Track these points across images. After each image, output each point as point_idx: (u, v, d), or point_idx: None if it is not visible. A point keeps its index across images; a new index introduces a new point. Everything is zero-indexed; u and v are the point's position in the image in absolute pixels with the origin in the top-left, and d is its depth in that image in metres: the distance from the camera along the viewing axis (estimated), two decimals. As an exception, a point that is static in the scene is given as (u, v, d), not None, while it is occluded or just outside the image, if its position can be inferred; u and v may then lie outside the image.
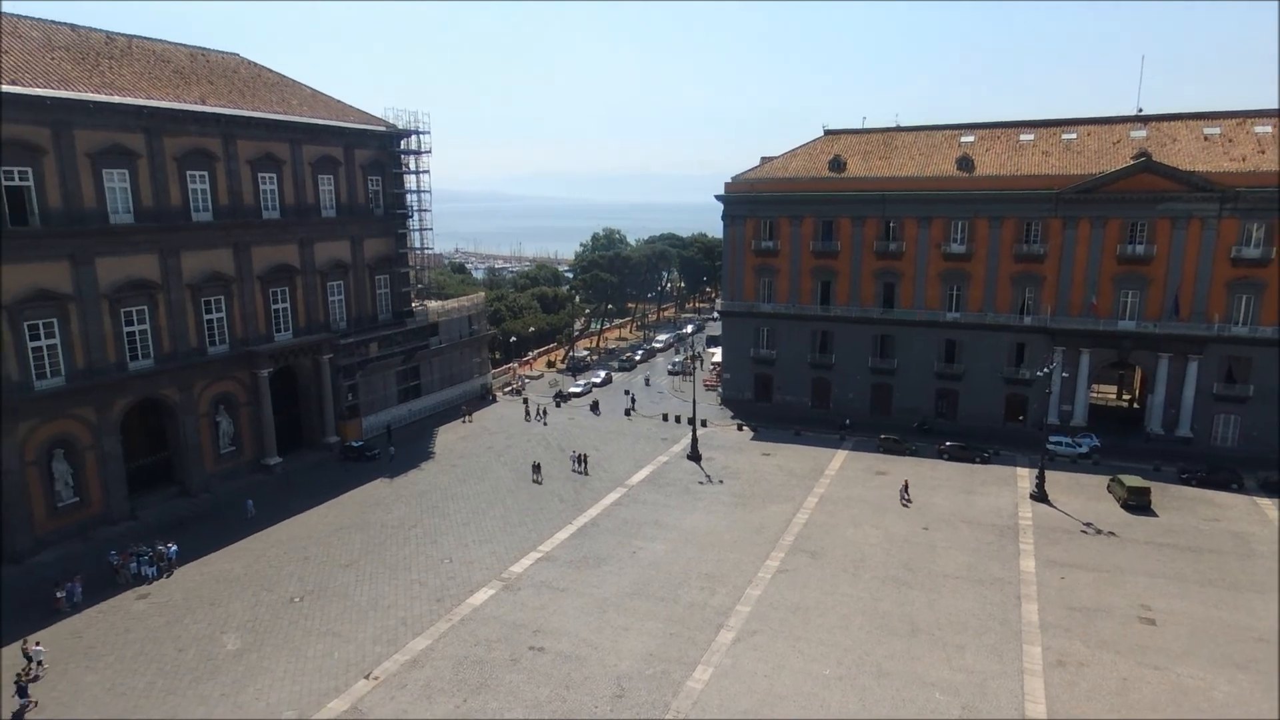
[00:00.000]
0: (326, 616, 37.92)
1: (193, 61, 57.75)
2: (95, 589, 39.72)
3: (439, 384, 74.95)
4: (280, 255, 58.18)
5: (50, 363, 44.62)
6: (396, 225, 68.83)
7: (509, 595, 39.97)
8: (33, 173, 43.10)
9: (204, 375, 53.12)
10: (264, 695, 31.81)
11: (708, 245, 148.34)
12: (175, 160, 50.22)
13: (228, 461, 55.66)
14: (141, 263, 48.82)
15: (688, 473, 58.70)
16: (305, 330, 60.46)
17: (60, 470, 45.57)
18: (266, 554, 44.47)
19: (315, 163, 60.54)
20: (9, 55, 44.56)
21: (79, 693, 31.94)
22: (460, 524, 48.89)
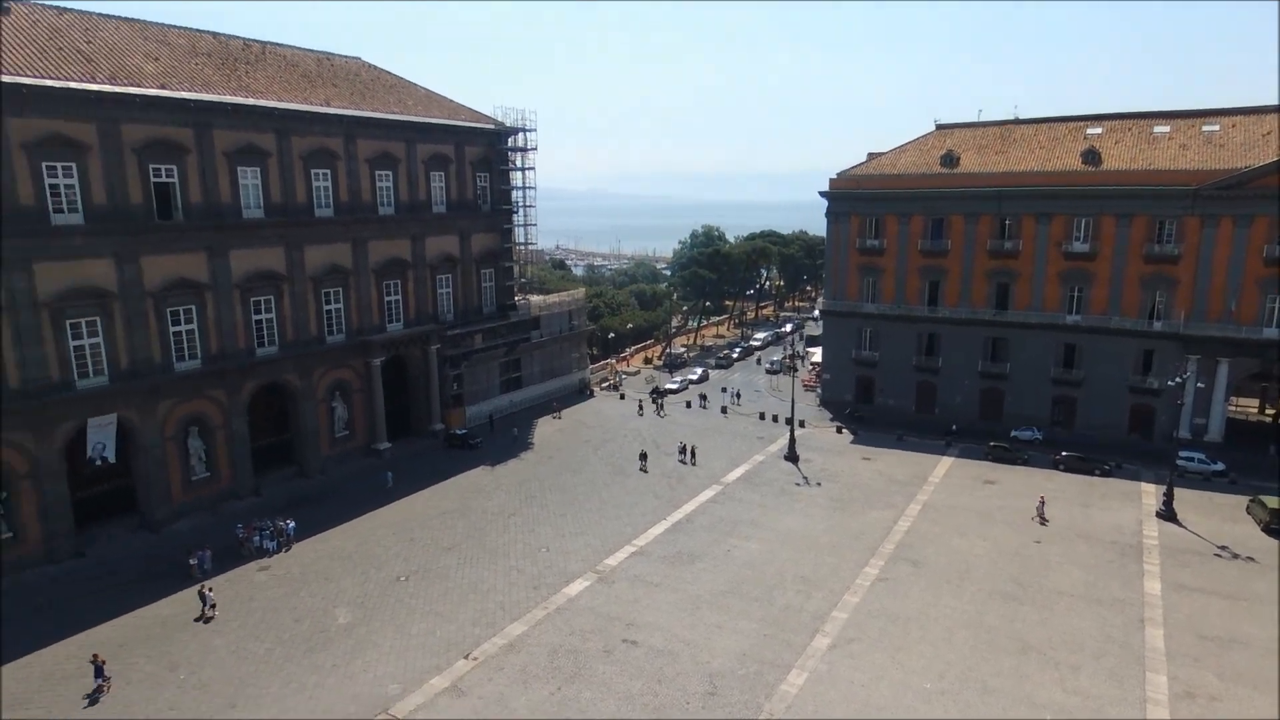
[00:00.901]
0: (429, 597, 39.36)
1: (319, 66, 61.03)
2: (222, 558, 42.60)
3: (539, 377, 76.56)
4: (394, 250, 60.75)
5: (189, 346, 48.13)
6: (502, 221, 70.68)
7: (604, 587, 40.39)
8: (177, 170, 46.54)
9: (322, 362, 56.12)
10: (371, 668, 33.31)
11: (809, 243, 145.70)
12: (301, 159, 53.20)
13: (341, 445, 58.63)
14: (269, 255, 52.00)
15: (784, 473, 57.78)
16: (415, 321, 62.96)
17: (195, 447, 49.14)
18: (375, 534, 46.57)
19: (428, 160, 62.89)
20: (159, 62, 48.30)
21: (207, 653, 34.35)
22: (557, 514, 49.79)
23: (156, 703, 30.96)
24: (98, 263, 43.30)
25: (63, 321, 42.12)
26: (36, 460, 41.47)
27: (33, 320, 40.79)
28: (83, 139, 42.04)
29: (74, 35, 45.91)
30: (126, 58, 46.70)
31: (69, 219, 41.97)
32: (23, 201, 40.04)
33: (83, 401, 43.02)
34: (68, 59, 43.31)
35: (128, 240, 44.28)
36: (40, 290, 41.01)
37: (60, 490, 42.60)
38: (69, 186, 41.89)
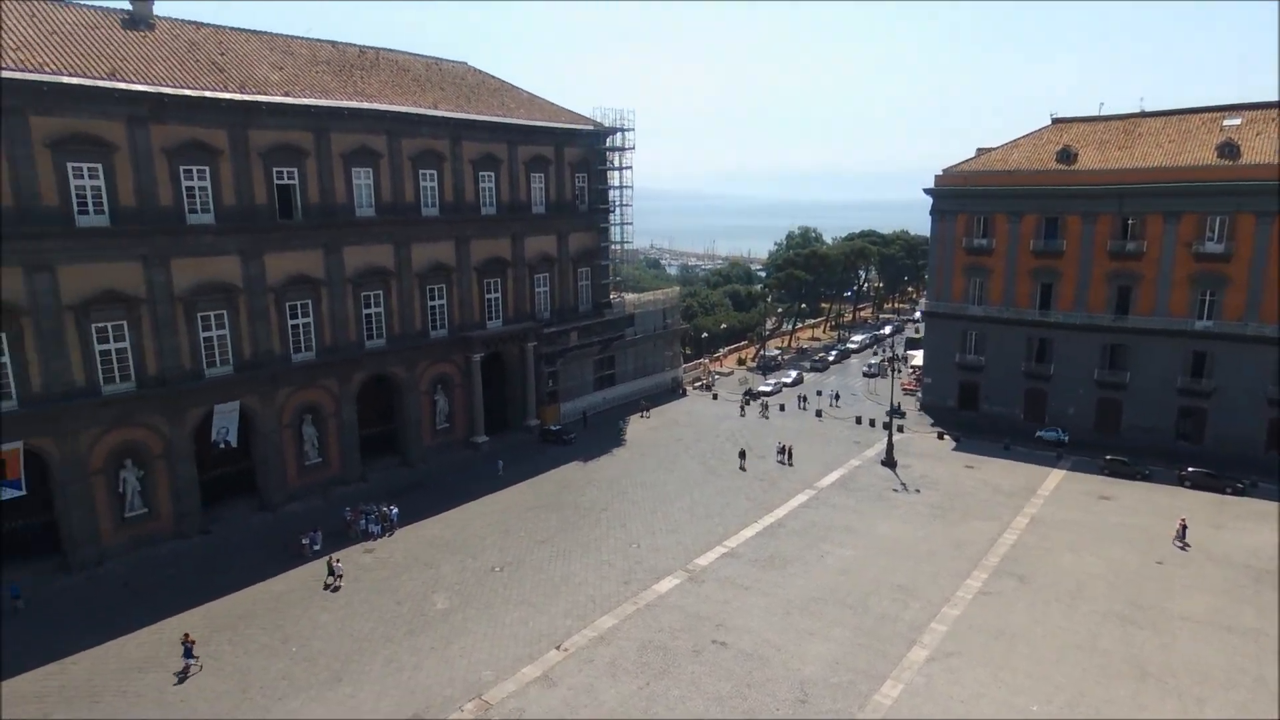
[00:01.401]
0: (523, 587, 40.23)
1: (428, 70, 63.41)
2: (331, 540, 44.83)
3: (632, 374, 77.11)
4: (495, 249, 62.46)
5: (305, 339, 50.90)
6: (599, 220, 71.56)
7: (694, 587, 40.27)
8: (298, 172, 49.29)
9: (426, 356, 58.27)
10: (467, 653, 34.31)
11: (911, 243, 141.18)
12: (410, 160, 55.38)
13: (442, 437, 60.71)
14: (379, 252, 54.38)
15: (881, 479, 56.13)
16: (513, 319, 64.53)
17: (309, 434, 51.92)
18: (472, 524, 47.98)
19: (528, 162, 64.33)
20: (284, 70, 51.29)
21: (316, 628, 36.22)
22: (648, 511, 49.98)
23: (270, 671, 32.86)
24: (226, 260, 46.34)
25: (194, 314, 45.31)
26: (169, 442, 44.77)
27: (169, 313, 44.06)
28: (216, 144, 45.09)
29: (209, 48, 49.30)
30: (255, 68, 49.81)
31: (201, 219, 45.10)
32: (161, 203, 43.29)
33: (210, 389, 46.15)
34: (204, 70, 46.56)
35: (253, 238, 47.22)
36: (176, 285, 44.26)
37: (190, 471, 45.85)
38: (202, 189, 45.01)
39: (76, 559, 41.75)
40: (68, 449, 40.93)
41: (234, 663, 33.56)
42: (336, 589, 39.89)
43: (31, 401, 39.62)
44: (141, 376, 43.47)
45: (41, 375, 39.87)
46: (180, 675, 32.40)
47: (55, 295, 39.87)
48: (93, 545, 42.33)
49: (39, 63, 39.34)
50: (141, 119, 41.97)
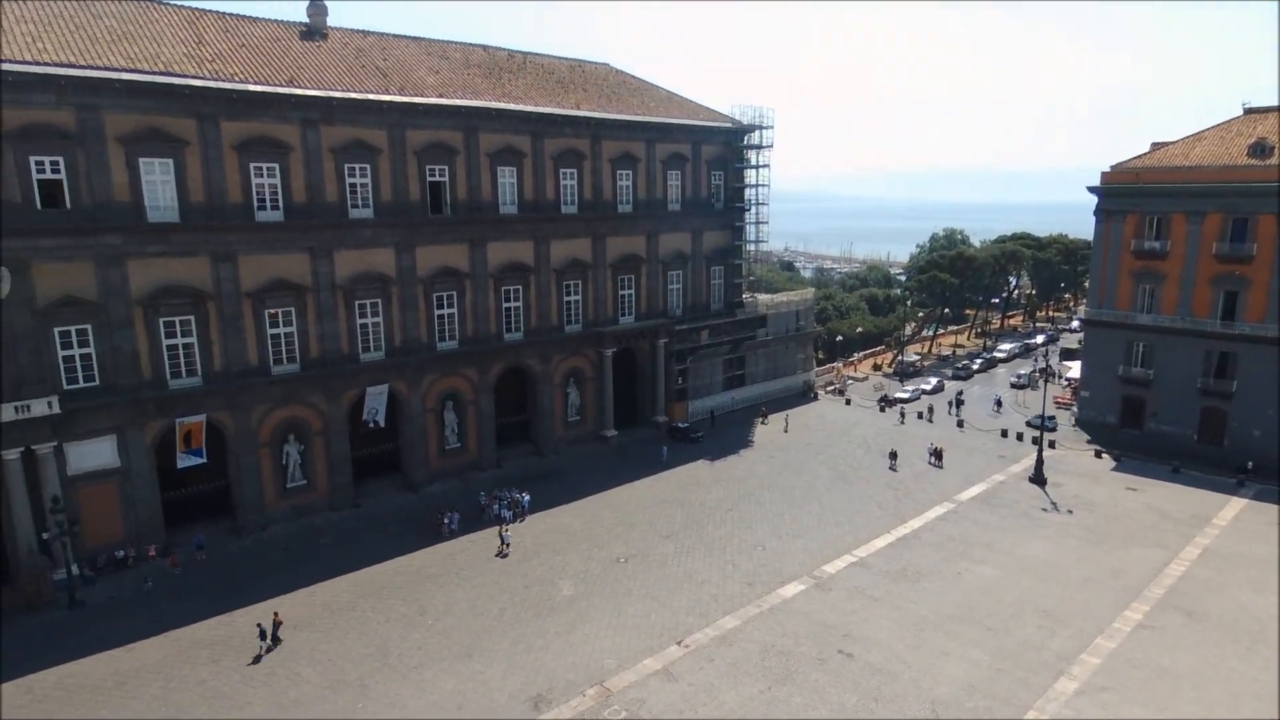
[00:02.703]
0: (646, 581, 40.48)
1: (571, 72, 65.12)
2: (467, 522, 46.87)
3: (762, 376, 76.02)
4: (630, 245, 63.30)
5: (449, 329, 53.51)
6: (734, 219, 71.02)
7: (820, 594, 39.14)
8: (448, 170, 51.88)
9: (560, 350, 59.86)
10: (590, 640, 34.90)
11: (1069, 247, 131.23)
12: (552, 159, 57.06)
13: (573, 429, 62.18)
14: (520, 248, 56.36)
15: (1028, 496, 52.46)
16: (645, 315, 65.16)
17: (450, 419, 54.58)
18: (599, 515, 48.79)
19: (666, 160, 64.75)
20: (439, 74, 54.16)
21: (451, 605, 37.95)
22: (774, 514, 49.06)
23: (408, 640, 34.74)
24: (382, 252, 49.46)
25: (353, 302, 48.64)
26: (327, 420, 48.30)
27: (331, 301, 47.53)
28: (376, 143, 48.20)
29: (374, 55, 52.78)
30: (413, 71, 52.87)
31: (361, 213, 48.35)
32: (328, 199, 46.74)
33: (363, 372, 49.41)
34: (369, 75, 49.90)
35: (406, 232, 50.15)
36: (338, 275, 47.68)
37: (344, 448, 49.28)
38: (363, 185, 48.23)
39: (245, 523, 45.84)
40: (242, 423, 45.01)
41: (376, 629, 35.72)
42: (505, 555, 43.11)
43: (213, 379, 43.85)
44: (305, 359, 47.14)
45: (222, 356, 44.04)
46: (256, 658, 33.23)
47: (236, 283, 43.93)
48: (259, 511, 46.35)
49: (230, 73, 43.46)
50: (313, 121, 45.49)
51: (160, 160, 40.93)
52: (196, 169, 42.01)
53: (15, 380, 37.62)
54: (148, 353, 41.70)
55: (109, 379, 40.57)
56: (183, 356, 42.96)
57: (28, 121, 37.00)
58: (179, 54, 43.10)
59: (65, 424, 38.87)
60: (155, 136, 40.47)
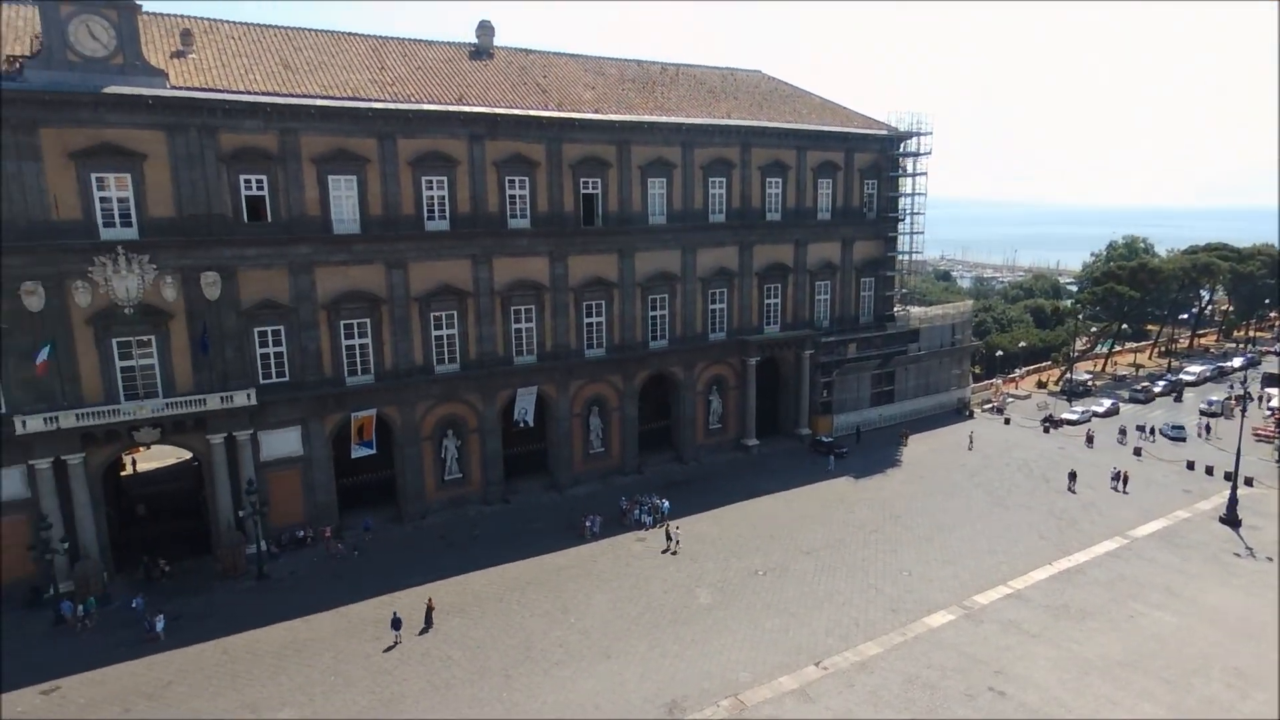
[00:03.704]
0: (784, 596, 39.90)
1: (723, 81, 65.38)
2: (608, 525, 48.06)
3: (913, 392, 72.90)
4: (777, 254, 62.67)
5: (597, 335, 55.13)
6: (887, 229, 68.70)
7: (970, 625, 37.08)
8: (601, 182, 53.51)
9: (704, 358, 60.19)
10: (725, 651, 34.86)
11: (1275, 259, 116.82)
12: (701, 169, 57.53)
13: (714, 437, 62.29)
14: (668, 258, 57.18)
15: (1218, 538, 47.23)
16: (791, 325, 64.26)
17: (595, 424, 56.23)
18: (738, 526, 48.59)
19: (817, 168, 63.60)
20: (595, 90, 56.00)
21: (591, 605, 39.07)
22: (922, 538, 46.94)
23: (550, 636, 36.10)
24: (537, 260, 51.75)
25: (509, 308, 51.18)
26: (482, 418, 51.10)
27: (489, 306, 50.26)
28: (535, 157, 50.50)
29: (536, 72, 55.38)
30: (571, 87, 54.99)
31: (519, 223, 50.80)
32: (489, 210, 49.46)
33: (516, 374, 51.86)
34: (530, 91, 52.43)
35: (560, 242, 52.20)
36: (496, 281, 50.34)
37: (496, 445, 51.94)
38: (521, 196, 50.67)
39: (407, 511, 49.32)
40: (407, 418, 48.48)
41: (521, 623, 37.39)
42: (674, 553, 44.39)
43: (384, 377, 47.52)
44: (464, 360, 50.12)
45: (392, 355, 47.65)
46: (388, 649, 35.15)
47: (406, 288, 47.39)
48: (420, 501, 49.73)
49: (408, 94, 47.02)
50: (479, 137, 48.33)
51: (345, 177, 44.91)
52: (376, 184, 45.73)
53: (222, 374, 42.50)
54: (329, 352, 45.82)
55: (297, 375, 44.94)
56: (358, 355, 46.87)
57: (240, 145, 41.73)
58: (365, 79, 47.14)
59: (260, 414, 43.45)
60: (342, 155, 44.46)
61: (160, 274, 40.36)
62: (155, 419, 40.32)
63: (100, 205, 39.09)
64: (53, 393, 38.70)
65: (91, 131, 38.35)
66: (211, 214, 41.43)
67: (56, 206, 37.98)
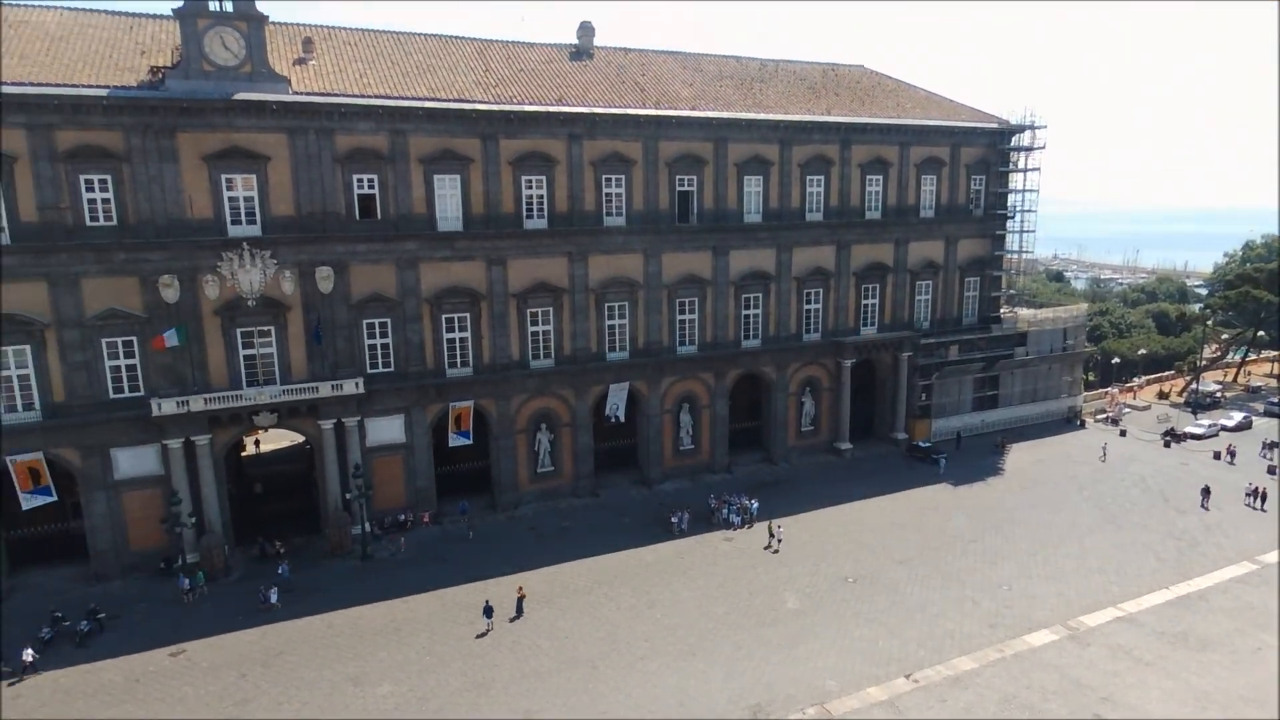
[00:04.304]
0: (875, 605, 38.97)
1: (823, 77, 64.10)
2: (696, 523, 48.11)
3: (1019, 398, 69.63)
4: (876, 254, 61.03)
5: (689, 334, 55.18)
6: (995, 226, 65.80)
7: (1075, 647, 35.23)
8: (696, 180, 53.45)
9: (797, 358, 59.32)
10: (812, 658, 34.37)
11: None
12: (799, 166, 56.64)
13: (805, 439, 61.34)
14: (762, 256, 56.61)
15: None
16: (889, 326, 62.50)
17: (685, 421, 56.36)
18: (828, 530, 47.71)
19: (920, 164, 61.55)
20: (692, 87, 55.97)
21: (677, 602, 39.25)
22: (1025, 552, 44.85)
23: (635, 631, 36.50)
24: (631, 257, 52.22)
25: (603, 304, 51.88)
26: (574, 412, 52.06)
27: (584, 302, 51.09)
28: (631, 155, 50.96)
29: (634, 71, 55.82)
30: (669, 85, 55.16)
31: (615, 221, 51.39)
32: (586, 208, 50.24)
33: (608, 370, 52.54)
34: (628, 90, 52.91)
35: (655, 239, 52.52)
36: (591, 279, 51.10)
37: (588, 440, 52.81)
38: (618, 195, 51.23)
39: (501, 500, 50.83)
40: (503, 410, 49.92)
41: (607, 616, 37.95)
42: (775, 550, 44.52)
43: (482, 370, 49.08)
44: (558, 355, 51.17)
45: (490, 349, 49.15)
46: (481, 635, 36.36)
47: (505, 285, 48.75)
48: (513, 491, 51.17)
49: (510, 95, 48.30)
50: (578, 136, 49.15)
51: (450, 176, 46.57)
52: (478, 183, 47.21)
53: (333, 363, 44.91)
54: (431, 344, 47.66)
55: (401, 366, 46.99)
56: (458, 348, 48.56)
57: (354, 146, 43.92)
58: (470, 81, 48.70)
59: (367, 402, 45.65)
60: (447, 155, 46.11)
61: (280, 268, 42.99)
62: (273, 404, 43.02)
63: (229, 204, 41.99)
64: (184, 378, 41.88)
65: (222, 135, 41.22)
66: (327, 212, 43.80)
67: (191, 205, 41.02)
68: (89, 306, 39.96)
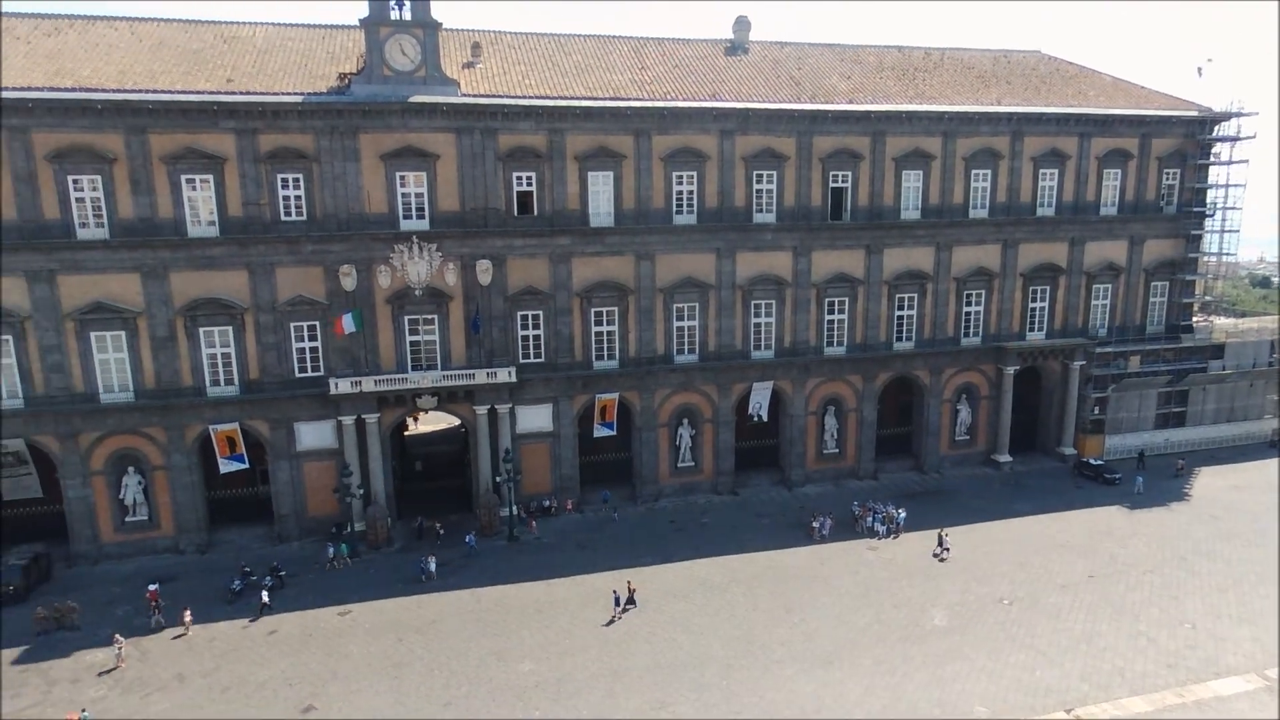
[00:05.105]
0: (1033, 630, 36.29)
1: (994, 65, 60.17)
2: (838, 529, 46.69)
3: (1212, 417, 62.54)
4: (1047, 253, 56.65)
5: (837, 333, 53.53)
6: (1190, 225, 59.27)
7: (1273, 701, 31.22)
8: (851, 175, 51.77)
9: (954, 363, 56.17)
10: (960, 680, 32.50)
11: None
12: (964, 160, 53.50)
13: (960, 449, 58.04)
14: (919, 255, 54.00)
15: None
16: (1059, 332, 57.89)
17: (830, 424, 54.86)
18: (983, 547, 44.90)
19: (1102, 156, 56.47)
20: (850, 79, 54.18)
21: (816, 608, 38.27)
22: (1214, 589, 40.24)
23: (772, 634, 35.93)
24: (780, 255, 51.34)
25: (749, 301, 51.37)
26: (717, 409, 51.95)
27: (730, 299, 50.82)
28: (784, 151, 50.05)
29: (790, 65, 54.77)
30: (825, 78, 53.69)
31: (765, 218, 50.70)
32: (735, 204, 49.89)
33: (752, 369, 51.97)
34: (783, 85, 51.99)
35: (805, 236, 51.36)
36: (738, 276, 50.71)
37: (729, 437, 52.62)
38: (768, 191, 50.51)
39: (642, 492, 51.60)
40: (646, 404, 50.59)
41: (744, 616, 37.61)
42: (942, 559, 43.12)
43: (627, 363, 49.96)
44: (703, 351, 51.20)
45: (636, 343, 49.92)
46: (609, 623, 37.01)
47: (653, 280, 49.33)
48: (654, 484, 51.81)
49: (665, 92, 48.73)
50: (730, 132, 48.87)
51: (603, 173, 47.64)
52: (630, 178, 48.00)
53: (489, 351, 47.21)
54: (580, 336, 49.03)
55: (550, 357, 48.68)
56: (605, 342, 49.66)
57: (515, 145, 45.88)
58: (625, 79, 49.57)
59: (518, 390, 47.65)
60: (602, 152, 47.20)
61: (444, 261, 45.65)
62: (434, 388, 45.80)
63: (401, 200, 45.07)
64: (358, 360, 45.43)
65: (398, 136, 44.26)
66: (488, 208, 46.01)
67: (369, 201, 44.35)
68: (281, 293, 44.16)
